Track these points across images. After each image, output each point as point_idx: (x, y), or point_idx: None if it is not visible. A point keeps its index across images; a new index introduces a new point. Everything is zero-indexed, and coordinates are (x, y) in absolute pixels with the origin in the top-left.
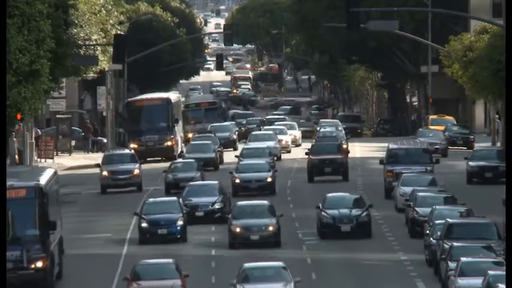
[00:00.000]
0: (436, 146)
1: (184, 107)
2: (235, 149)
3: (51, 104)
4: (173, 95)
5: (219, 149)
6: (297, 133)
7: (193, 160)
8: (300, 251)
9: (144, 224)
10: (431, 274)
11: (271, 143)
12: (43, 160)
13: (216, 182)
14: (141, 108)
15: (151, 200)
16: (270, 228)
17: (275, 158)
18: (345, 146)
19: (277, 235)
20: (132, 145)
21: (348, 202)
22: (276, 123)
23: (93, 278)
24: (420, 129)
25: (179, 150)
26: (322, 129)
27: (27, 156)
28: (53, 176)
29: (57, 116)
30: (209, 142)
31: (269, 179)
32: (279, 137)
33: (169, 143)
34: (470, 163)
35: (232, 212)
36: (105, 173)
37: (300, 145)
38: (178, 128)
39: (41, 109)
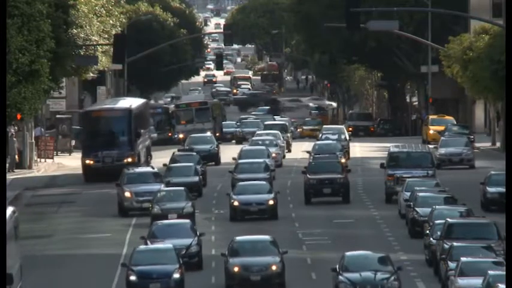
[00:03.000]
0: (461, 157)
1: (175, 107)
2: (218, 163)
3: (51, 104)
4: (136, 103)
5: (202, 169)
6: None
7: (182, 188)
8: (300, 251)
9: (132, 277)
10: (431, 274)
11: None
12: (43, 160)
13: (187, 220)
14: (98, 120)
15: (142, 247)
16: (273, 267)
17: (273, 174)
18: (343, 161)
19: (281, 275)
20: (87, 161)
21: (372, 263)
22: (257, 133)
23: (93, 278)
24: (442, 138)
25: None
26: (320, 141)
27: (27, 156)
28: (10, 216)
29: (57, 116)
30: (191, 164)
31: (271, 202)
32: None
33: (129, 160)
34: (490, 189)
35: (229, 249)
36: (127, 194)
37: (284, 157)
38: (144, 140)
39: (41, 109)
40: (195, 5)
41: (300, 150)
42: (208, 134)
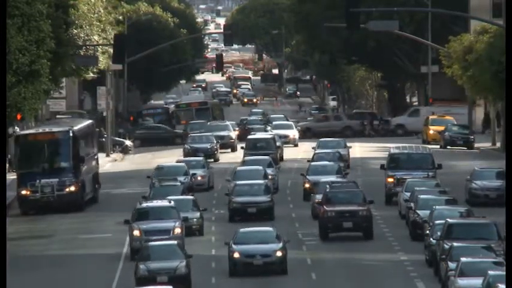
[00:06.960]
0: (499, 192)
1: (175, 107)
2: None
3: (51, 104)
4: (79, 124)
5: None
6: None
7: (175, 242)
8: (300, 251)
9: None
10: (431, 274)
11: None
12: None
13: (169, 287)
14: (34, 145)
15: None
16: None
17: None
18: None
19: None
20: (24, 191)
21: None
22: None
23: (93, 278)
24: (476, 167)
25: (88, 195)
26: (314, 162)
27: None
28: None
29: (57, 116)
30: (190, 198)
31: (279, 253)
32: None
33: (72, 189)
34: None
35: None
36: (136, 232)
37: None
38: (90, 166)
39: (41, 109)
40: (194, 5)
41: (301, 152)
42: (181, 164)
